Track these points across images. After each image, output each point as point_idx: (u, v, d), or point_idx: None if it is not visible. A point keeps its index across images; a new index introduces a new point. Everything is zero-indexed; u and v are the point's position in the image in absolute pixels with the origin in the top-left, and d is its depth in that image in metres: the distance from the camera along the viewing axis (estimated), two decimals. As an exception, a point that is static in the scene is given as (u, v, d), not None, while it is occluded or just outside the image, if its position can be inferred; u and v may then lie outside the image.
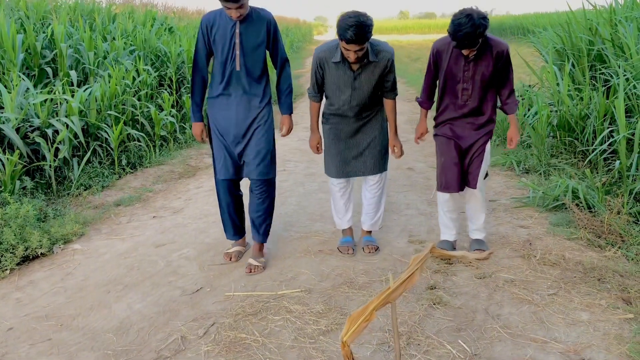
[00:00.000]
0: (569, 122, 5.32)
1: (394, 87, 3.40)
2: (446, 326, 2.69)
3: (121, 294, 3.13)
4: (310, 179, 5.38)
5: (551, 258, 3.37)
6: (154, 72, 7.51)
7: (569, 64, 5.91)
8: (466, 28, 2.88)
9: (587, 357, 2.39)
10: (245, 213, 3.64)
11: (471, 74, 3.19)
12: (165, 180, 5.46)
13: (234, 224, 3.56)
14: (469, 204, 3.51)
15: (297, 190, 5.04)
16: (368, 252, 3.57)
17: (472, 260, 3.31)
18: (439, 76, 3.34)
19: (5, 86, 5.14)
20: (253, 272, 3.34)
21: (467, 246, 3.62)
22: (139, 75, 6.96)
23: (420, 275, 2.87)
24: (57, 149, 4.84)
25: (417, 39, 35.76)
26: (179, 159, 6.24)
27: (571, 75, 5.99)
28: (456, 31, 2.92)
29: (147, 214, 4.48)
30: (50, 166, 4.70)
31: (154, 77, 7.35)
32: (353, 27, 2.93)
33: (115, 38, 7.86)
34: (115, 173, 5.42)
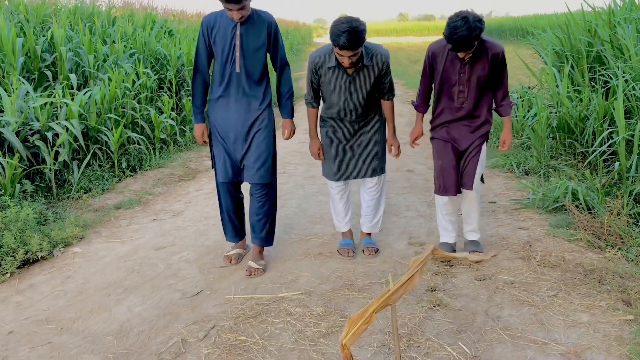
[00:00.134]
0: (568, 124, 5.33)
1: (391, 89, 3.40)
2: (446, 328, 2.69)
3: (121, 297, 3.13)
4: (310, 182, 5.38)
5: (551, 260, 3.37)
6: (154, 75, 7.52)
7: (568, 65, 5.92)
8: (462, 31, 2.86)
9: (588, 359, 2.39)
10: (245, 216, 3.64)
11: (467, 76, 3.18)
12: (165, 183, 5.46)
13: (233, 226, 3.56)
14: (464, 205, 3.50)
15: (297, 193, 5.04)
16: (368, 254, 3.57)
17: (474, 262, 3.31)
18: (435, 79, 3.32)
19: (5, 90, 5.14)
20: (253, 274, 3.34)
21: (463, 247, 3.61)
22: (138, 78, 6.97)
23: (420, 278, 2.87)
24: (57, 152, 4.85)
25: (416, 41, 35.79)
26: (179, 162, 6.25)
27: (570, 77, 5.99)
28: (452, 34, 2.91)
29: (147, 216, 4.49)
30: (50, 169, 4.70)
31: (154, 80, 7.37)
32: (346, 33, 2.92)
33: (115, 41, 7.88)
34: (115, 176, 5.42)
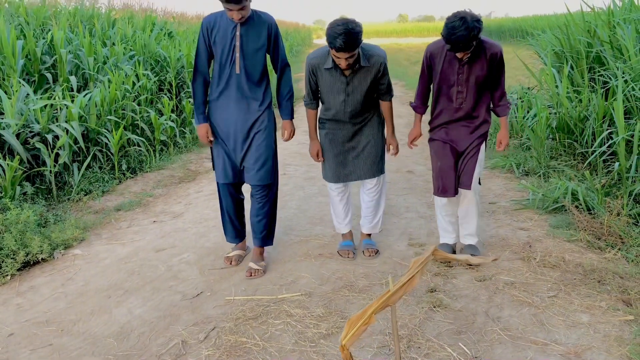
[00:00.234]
0: (568, 124, 5.33)
1: (389, 90, 3.39)
2: (446, 329, 2.69)
3: (122, 298, 3.13)
4: (310, 183, 5.38)
5: (551, 260, 3.37)
6: (154, 77, 7.52)
7: (567, 66, 5.93)
8: (460, 31, 2.85)
9: (588, 359, 2.39)
10: (246, 217, 3.64)
11: (465, 76, 3.17)
12: (166, 185, 5.47)
13: (234, 226, 3.56)
14: (462, 207, 3.46)
15: (297, 194, 5.05)
16: (368, 255, 3.58)
17: (475, 263, 3.31)
18: (433, 80, 3.31)
19: (6, 92, 5.15)
20: (253, 276, 3.34)
21: (462, 249, 3.61)
22: (138, 80, 6.98)
23: (421, 279, 2.87)
24: (57, 155, 4.85)
25: (416, 42, 35.79)
26: (179, 164, 6.25)
27: (570, 78, 6.00)
28: (450, 34, 2.90)
29: (147, 218, 4.49)
30: (50, 171, 4.71)
31: (154, 82, 7.37)
32: (342, 35, 2.92)
33: (114, 43, 7.89)
34: (116, 178, 5.42)
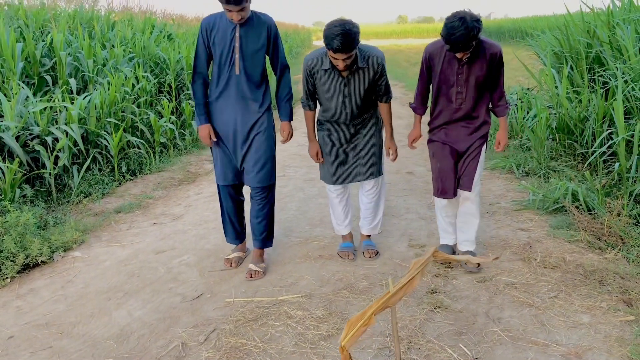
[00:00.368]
0: (568, 125, 5.33)
1: (388, 91, 3.38)
2: (447, 330, 2.69)
3: (121, 301, 3.13)
4: (310, 184, 5.38)
5: (551, 261, 3.37)
6: (153, 79, 7.53)
7: (567, 66, 5.93)
8: (460, 31, 2.83)
9: (589, 360, 2.39)
10: (246, 218, 3.64)
11: (465, 77, 3.15)
12: (165, 187, 5.46)
13: (234, 228, 3.56)
14: (461, 210, 3.41)
15: (297, 196, 5.04)
16: (368, 256, 3.57)
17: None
18: (433, 80, 3.28)
19: (5, 95, 5.15)
20: (253, 277, 3.34)
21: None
22: (138, 82, 6.98)
23: (421, 280, 2.87)
24: (57, 157, 4.85)
25: (415, 43, 35.82)
26: (179, 166, 6.25)
27: (570, 78, 5.99)
28: (450, 34, 2.87)
29: (147, 220, 4.49)
30: (50, 174, 4.71)
31: (153, 84, 7.37)
32: (339, 36, 2.91)
33: (114, 45, 7.89)
34: (115, 180, 5.42)
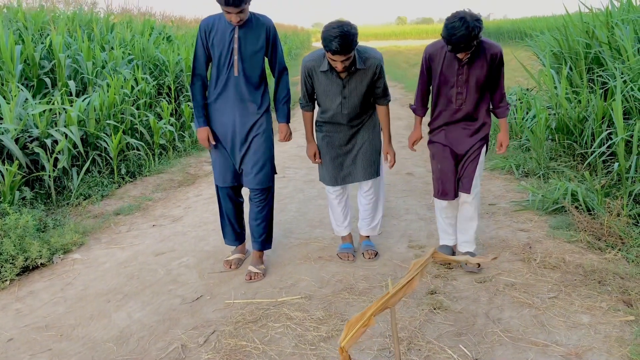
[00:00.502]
0: (567, 125, 5.33)
1: (386, 93, 3.37)
2: (447, 331, 2.68)
3: (121, 303, 3.12)
4: (310, 186, 5.38)
5: (551, 261, 3.36)
6: (153, 81, 7.53)
7: (566, 67, 5.93)
8: (460, 31, 2.81)
9: (589, 360, 2.39)
10: (245, 220, 3.64)
11: (465, 77, 3.13)
12: (165, 189, 5.46)
13: (233, 229, 3.55)
14: (461, 212, 3.40)
15: (297, 197, 5.04)
16: (368, 257, 3.57)
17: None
18: (433, 81, 3.27)
19: (4, 97, 5.15)
20: (253, 279, 3.33)
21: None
22: (137, 84, 6.98)
23: (421, 280, 2.86)
24: (56, 159, 4.85)
25: (415, 44, 35.85)
26: (178, 167, 6.25)
27: (569, 79, 6.00)
28: (450, 35, 2.85)
29: (146, 222, 4.48)
30: (49, 176, 4.70)
31: (153, 86, 7.37)
32: (338, 38, 2.91)
33: (113, 47, 7.90)
34: (115, 182, 5.42)
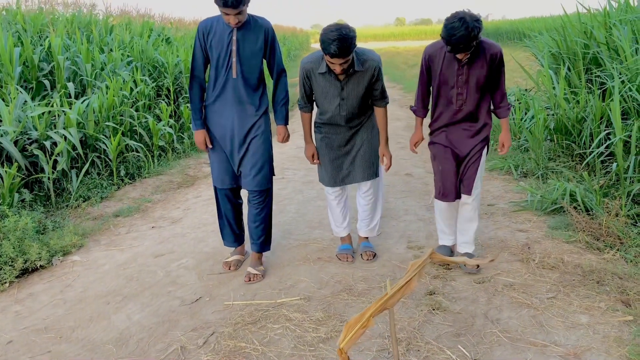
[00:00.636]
0: (565, 126, 5.34)
1: (384, 95, 3.37)
2: (446, 331, 2.69)
3: (120, 304, 3.13)
4: (309, 187, 5.38)
5: (550, 261, 3.37)
6: (152, 82, 7.54)
7: (564, 67, 5.94)
8: (460, 32, 2.81)
9: (587, 360, 2.39)
10: (244, 221, 3.64)
11: (465, 78, 3.12)
12: (164, 191, 5.46)
13: (232, 231, 3.55)
14: (461, 213, 3.40)
15: (296, 198, 5.05)
16: (366, 258, 3.57)
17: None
18: (432, 82, 3.26)
19: (3, 99, 5.16)
20: (252, 280, 3.34)
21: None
22: (136, 86, 6.99)
23: (419, 281, 2.86)
24: (56, 161, 4.85)
25: (414, 45, 35.87)
26: (178, 169, 6.25)
27: (567, 79, 6.01)
28: (450, 35, 2.85)
29: (146, 224, 4.49)
30: (48, 178, 4.70)
31: (152, 87, 7.38)
32: (336, 41, 2.91)
33: (112, 49, 7.91)
34: (114, 184, 5.42)
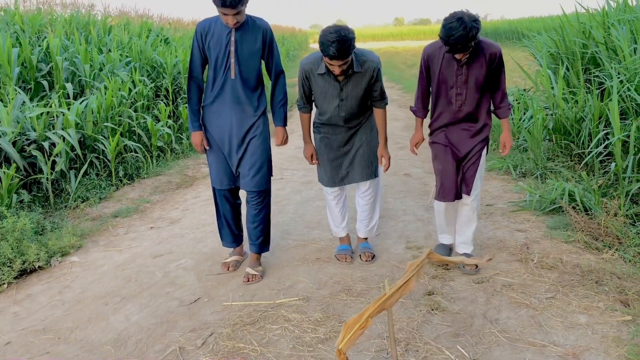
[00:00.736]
0: (564, 126, 5.34)
1: (383, 96, 3.37)
2: (444, 332, 2.69)
3: (119, 305, 3.12)
4: (308, 187, 5.38)
5: (549, 261, 3.37)
6: (150, 83, 7.53)
7: (563, 67, 5.94)
8: (458, 32, 2.80)
9: (586, 360, 2.39)
10: (242, 222, 3.63)
11: (464, 78, 3.12)
12: (163, 191, 5.46)
13: (231, 231, 3.55)
14: (460, 213, 3.40)
15: (295, 199, 5.04)
16: (365, 259, 3.57)
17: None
18: (432, 82, 3.26)
19: (2, 100, 5.15)
20: (251, 281, 3.33)
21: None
22: (135, 86, 6.98)
23: (418, 281, 2.86)
24: (54, 162, 4.84)
25: (412, 45, 35.89)
26: (176, 170, 6.24)
27: (565, 79, 6.01)
28: (448, 35, 2.84)
29: (144, 225, 4.48)
30: (47, 179, 4.70)
31: (150, 88, 7.37)
32: (335, 43, 2.91)
33: (111, 50, 7.89)
34: (113, 185, 5.42)
